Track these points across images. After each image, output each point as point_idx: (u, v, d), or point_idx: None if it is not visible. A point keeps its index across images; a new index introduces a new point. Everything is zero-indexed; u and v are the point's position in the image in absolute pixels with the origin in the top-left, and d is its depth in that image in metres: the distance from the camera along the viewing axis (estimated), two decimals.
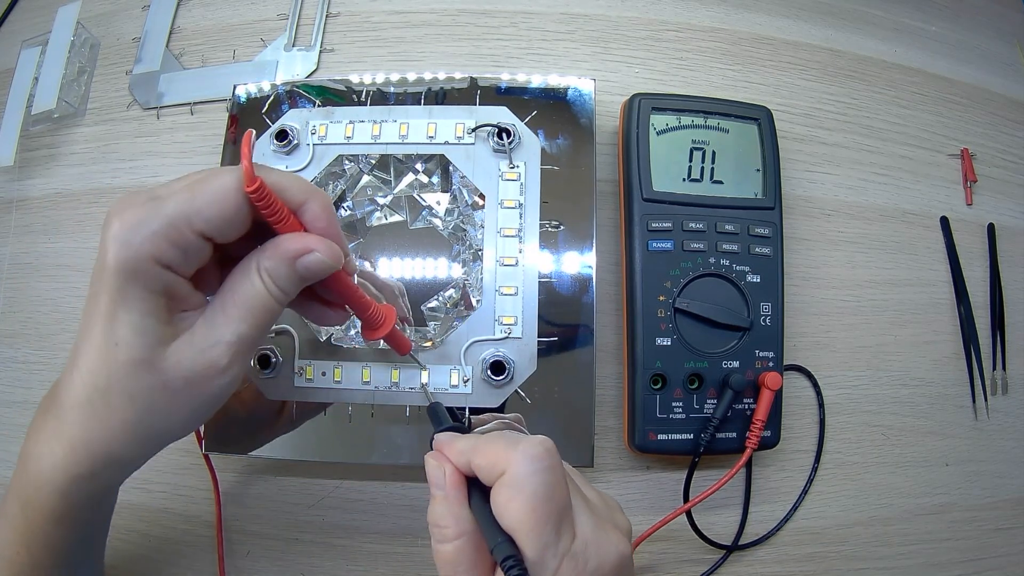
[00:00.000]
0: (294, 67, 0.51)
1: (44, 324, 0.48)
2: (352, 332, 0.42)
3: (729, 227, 0.43)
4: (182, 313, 0.27)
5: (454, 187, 0.44)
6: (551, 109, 0.44)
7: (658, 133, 0.45)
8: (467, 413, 0.40)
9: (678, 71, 0.51)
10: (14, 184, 0.52)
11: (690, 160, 0.44)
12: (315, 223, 0.28)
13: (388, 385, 0.40)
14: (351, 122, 0.44)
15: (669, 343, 0.42)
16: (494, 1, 0.52)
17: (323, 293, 0.32)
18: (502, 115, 0.44)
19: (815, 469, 0.45)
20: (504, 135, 0.42)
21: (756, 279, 0.43)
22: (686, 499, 0.41)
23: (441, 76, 0.45)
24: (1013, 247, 0.51)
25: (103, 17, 0.55)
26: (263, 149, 0.44)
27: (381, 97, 0.45)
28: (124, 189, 0.50)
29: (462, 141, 0.43)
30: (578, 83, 0.45)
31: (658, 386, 0.42)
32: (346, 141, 0.43)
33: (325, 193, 0.29)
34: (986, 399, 0.48)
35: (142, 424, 0.26)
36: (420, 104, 0.44)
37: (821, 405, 0.46)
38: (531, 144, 0.43)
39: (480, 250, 0.42)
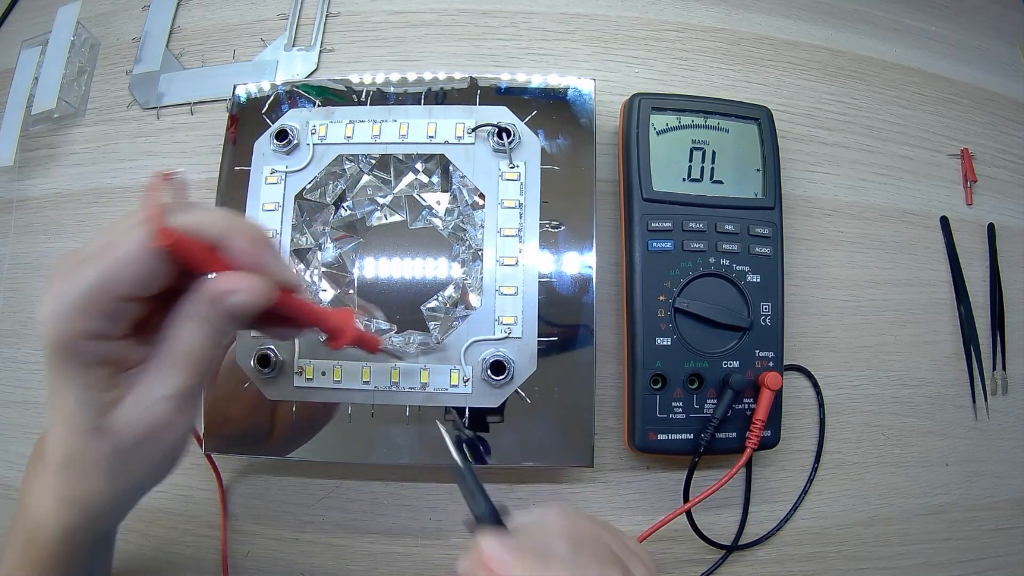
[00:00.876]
0: (294, 67, 0.51)
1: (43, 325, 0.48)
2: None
3: (729, 227, 0.43)
4: (126, 372, 0.26)
5: (454, 187, 0.44)
6: (551, 109, 0.44)
7: (658, 133, 0.45)
8: (466, 413, 0.40)
9: (678, 71, 0.51)
10: (14, 184, 0.52)
11: (690, 160, 0.44)
12: (241, 258, 0.26)
13: (388, 385, 0.40)
14: (351, 122, 0.44)
15: (669, 343, 0.42)
16: (494, 1, 0.52)
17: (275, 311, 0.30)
18: (502, 115, 0.44)
19: (815, 469, 0.45)
20: (504, 135, 0.42)
21: (756, 279, 0.43)
22: (686, 499, 0.41)
23: (441, 76, 0.45)
24: (1013, 247, 0.51)
25: (103, 17, 0.55)
26: (263, 149, 0.44)
27: (381, 97, 0.45)
28: (124, 189, 0.50)
29: (462, 141, 0.43)
30: (578, 83, 0.45)
31: (658, 386, 0.42)
32: (346, 141, 0.44)
33: (251, 223, 0.27)
34: (986, 399, 0.48)
35: (111, 483, 0.27)
36: (420, 104, 0.44)
37: (821, 405, 0.46)
38: (531, 144, 0.43)
39: (480, 250, 0.42)
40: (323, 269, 0.43)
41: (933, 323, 0.49)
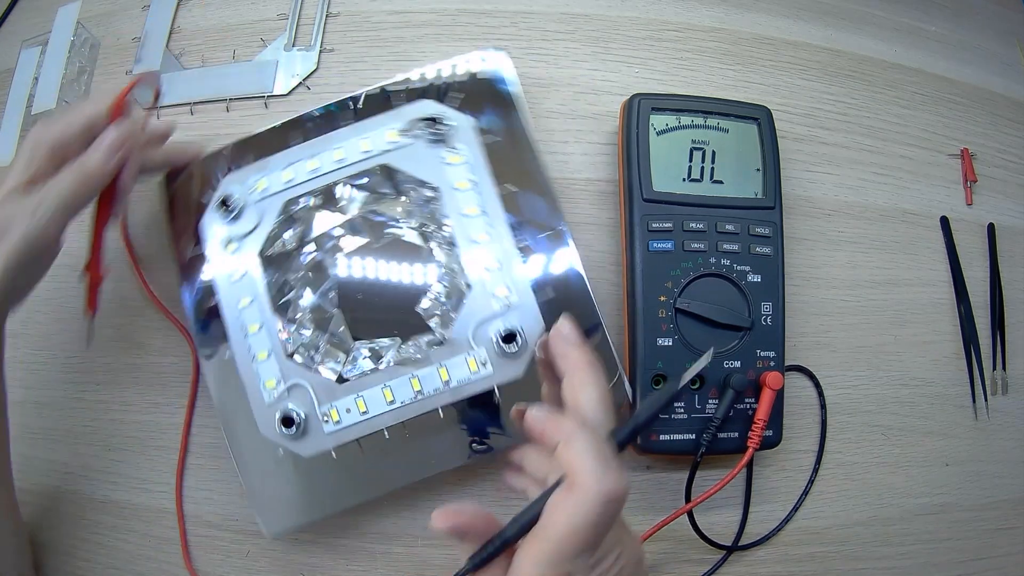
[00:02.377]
0: (294, 67, 0.51)
1: (44, 324, 0.48)
2: (359, 362, 0.42)
3: (729, 227, 0.43)
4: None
5: (406, 187, 0.43)
6: (472, 90, 0.44)
7: (658, 133, 0.45)
8: (497, 395, 0.40)
9: (678, 71, 0.51)
10: None
11: (690, 160, 0.44)
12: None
13: (413, 397, 0.40)
14: (289, 165, 0.43)
15: (670, 343, 0.42)
16: (494, 1, 0.52)
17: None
18: (428, 107, 0.44)
19: (816, 470, 0.45)
20: (436, 122, 0.42)
21: (757, 279, 0.43)
22: (688, 499, 0.41)
23: (355, 91, 0.45)
24: (1013, 247, 0.51)
25: (103, 17, 0.55)
26: (211, 229, 0.43)
27: (308, 129, 0.45)
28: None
29: (399, 145, 0.43)
30: (487, 57, 0.45)
31: (660, 386, 0.42)
32: (288, 185, 0.43)
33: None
34: (986, 399, 0.48)
35: None
36: (350, 123, 0.44)
37: (823, 406, 0.46)
38: (465, 125, 0.43)
39: (453, 240, 0.41)
40: (308, 315, 0.42)
41: (933, 323, 0.49)
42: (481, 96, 0.44)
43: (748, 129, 0.45)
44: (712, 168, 0.44)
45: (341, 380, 0.41)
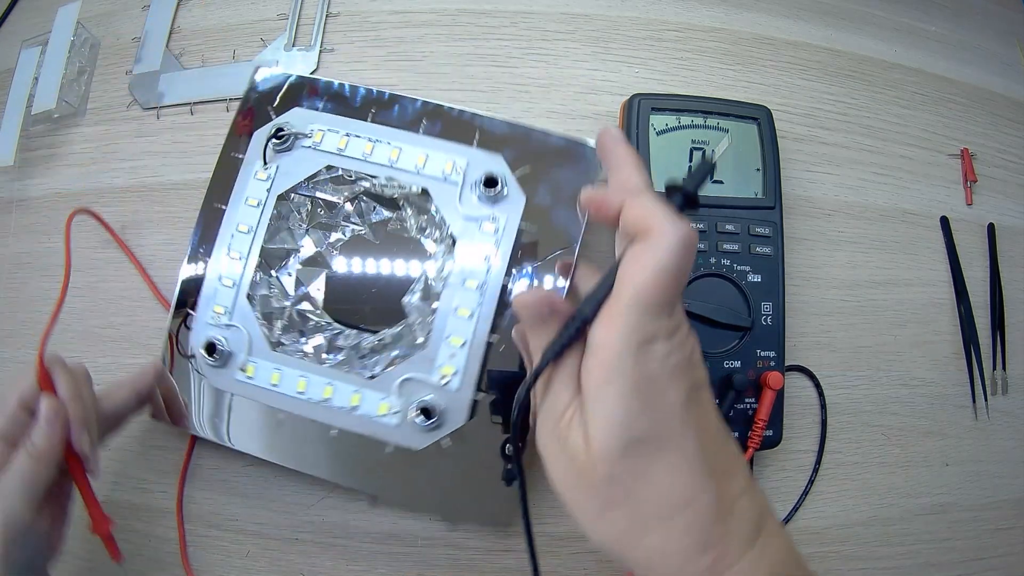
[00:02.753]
0: (294, 67, 0.51)
1: (44, 324, 0.48)
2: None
3: (730, 227, 0.43)
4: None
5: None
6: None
7: (658, 133, 0.45)
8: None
9: (678, 71, 0.51)
10: (14, 184, 0.51)
11: (690, 160, 0.44)
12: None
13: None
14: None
15: None
16: (494, 1, 0.52)
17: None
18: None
19: (816, 470, 0.45)
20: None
21: (757, 279, 0.43)
22: None
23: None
24: (1013, 247, 0.51)
25: (103, 17, 0.55)
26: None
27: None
28: (124, 189, 0.50)
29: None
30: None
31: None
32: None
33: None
34: (986, 399, 0.48)
35: None
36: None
37: (823, 407, 0.46)
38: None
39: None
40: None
41: (933, 323, 0.49)
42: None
43: (748, 129, 0.45)
44: None
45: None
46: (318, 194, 0.44)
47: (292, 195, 0.43)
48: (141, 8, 0.54)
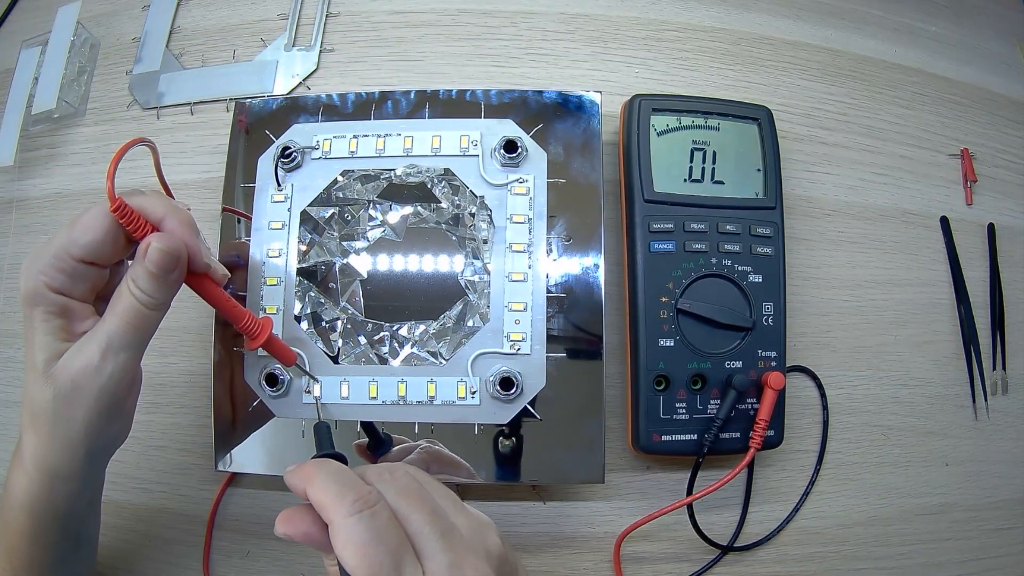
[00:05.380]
0: (294, 67, 0.51)
1: None
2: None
3: (730, 227, 0.43)
4: (83, 333, 0.30)
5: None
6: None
7: (659, 134, 0.45)
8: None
9: (678, 71, 0.51)
10: (14, 184, 0.51)
11: (691, 161, 0.44)
12: (171, 233, 0.31)
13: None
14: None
15: (672, 344, 0.42)
16: (494, 1, 0.52)
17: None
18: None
19: (817, 471, 0.45)
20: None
21: (758, 279, 0.43)
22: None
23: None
24: (1013, 247, 0.51)
25: (103, 17, 0.55)
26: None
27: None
28: (124, 189, 0.49)
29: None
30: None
31: (661, 387, 0.42)
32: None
33: (185, 211, 0.32)
34: (986, 399, 0.48)
35: (58, 433, 0.30)
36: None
37: (825, 407, 0.46)
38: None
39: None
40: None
41: (933, 323, 0.49)
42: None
43: (748, 129, 0.45)
44: (713, 168, 0.44)
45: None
46: (343, 198, 0.43)
47: (315, 208, 0.43)
48: (141, 8, 0.54)
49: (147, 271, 0.29)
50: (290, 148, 0.43)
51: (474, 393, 0.40)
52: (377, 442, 0.40)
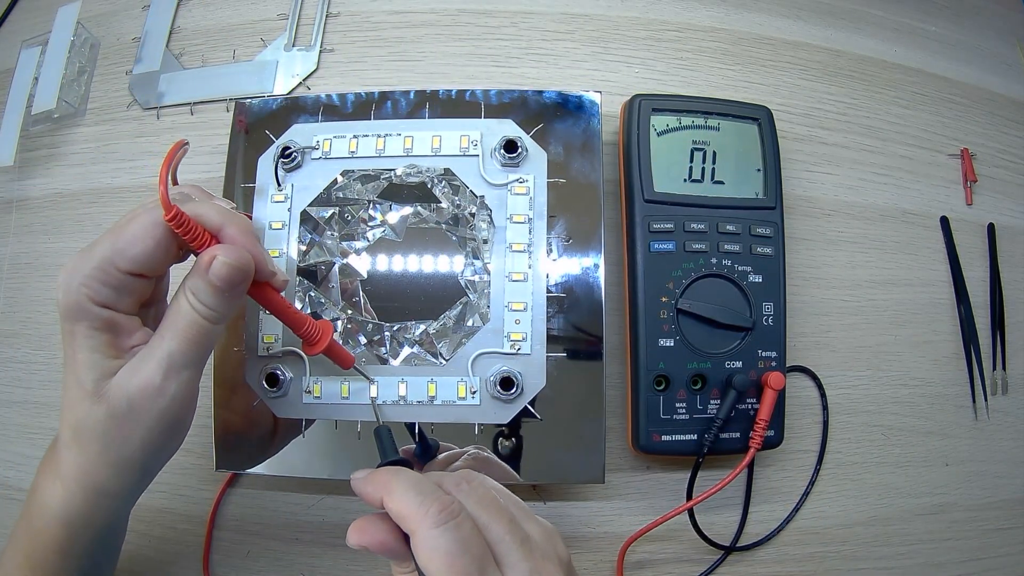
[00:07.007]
0: (294, 67, 0.51)
1: (44, 324, 0.48)
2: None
3: (730, 227, 0.43)
4: (133, 348, 0.29)
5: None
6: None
7: (658, 134, 0.45)
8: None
9: (678, 71, 0.51)
10: (14, 184, 0.51)
11: (691, 161, 0.44)
12: (233, 243, 0.29)
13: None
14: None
15: (672, 344, 0.42)
16: (494, 1, 0.52)
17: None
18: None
19: (817, 471, 0.45)
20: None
21: (758, 279, 0.43)
22: (689, 499, 0.41)
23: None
24: (1013, 247, 0.51)
25: (103, 17, 0.55)
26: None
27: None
28: (124, 189, 0.50)
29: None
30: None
31: (661, 387, 0.42)
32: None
33: (244, 217, 0.30)
34: (986, 399, 0.48)
35: (110, 453, 0.28)
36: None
37: (825, 407, 0.46)
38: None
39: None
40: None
41: (933, 323, 0.49)
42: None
43: (748, 129, 0.45)
44: (713, 168, 0.44)
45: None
46: (343, 199, 0.43)
47: (316, 208, 0.43)
48: (141, 8, 0.54)
49: (212, 285, 0.28)
50: (290, 148, 0.43)
51: (474, 393, 0.40)
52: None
